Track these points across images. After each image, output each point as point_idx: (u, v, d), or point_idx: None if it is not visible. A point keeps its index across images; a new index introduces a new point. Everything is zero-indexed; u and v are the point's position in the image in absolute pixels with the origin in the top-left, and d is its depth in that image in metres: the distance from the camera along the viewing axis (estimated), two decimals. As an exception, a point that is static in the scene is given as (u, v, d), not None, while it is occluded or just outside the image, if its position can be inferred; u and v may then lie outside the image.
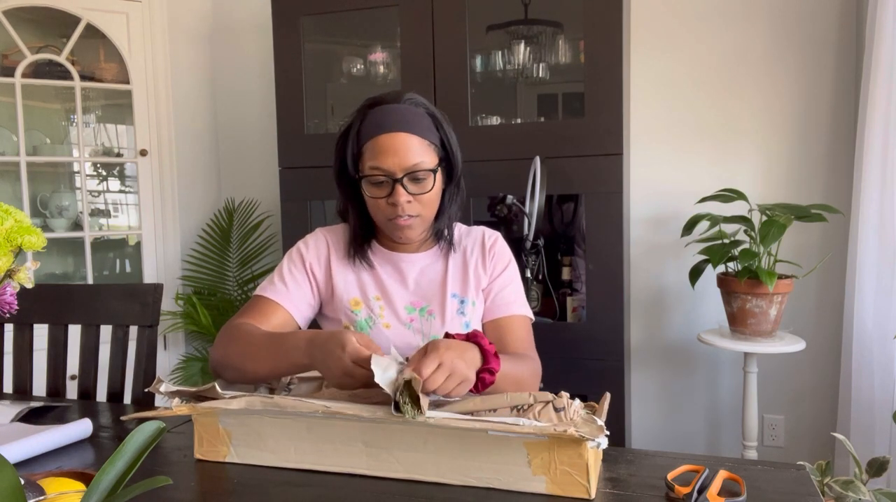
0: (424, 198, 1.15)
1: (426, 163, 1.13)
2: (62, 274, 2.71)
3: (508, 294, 1.24)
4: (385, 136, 1.12)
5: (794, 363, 2.33)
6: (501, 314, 1.23)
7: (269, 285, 1.21)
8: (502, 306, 1.23)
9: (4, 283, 0.80)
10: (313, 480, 0.90)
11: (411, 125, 1.13)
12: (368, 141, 1.13)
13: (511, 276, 1.26)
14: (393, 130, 1.12)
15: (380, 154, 1.12)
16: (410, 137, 1.12)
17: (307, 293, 1.23)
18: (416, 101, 1.16)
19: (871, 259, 2.00)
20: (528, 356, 1.18)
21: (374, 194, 1.15)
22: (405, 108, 1.14)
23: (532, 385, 1.14)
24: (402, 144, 1.11)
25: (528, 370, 1.14)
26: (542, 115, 2.45)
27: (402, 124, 1.12)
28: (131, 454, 0.58)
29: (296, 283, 1.22)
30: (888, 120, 1.93)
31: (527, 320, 1.25)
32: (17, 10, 2.44)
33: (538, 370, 1.19)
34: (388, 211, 1.15)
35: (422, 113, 1.16)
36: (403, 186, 1.12)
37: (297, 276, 1.22)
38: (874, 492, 1.59)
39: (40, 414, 1.24)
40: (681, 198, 2.36)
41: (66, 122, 2.76)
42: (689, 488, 0.82)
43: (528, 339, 1.23)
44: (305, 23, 2.34)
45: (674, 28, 2.37)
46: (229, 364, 1.07)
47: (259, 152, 2.93)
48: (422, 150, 1.13)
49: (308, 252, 1.25)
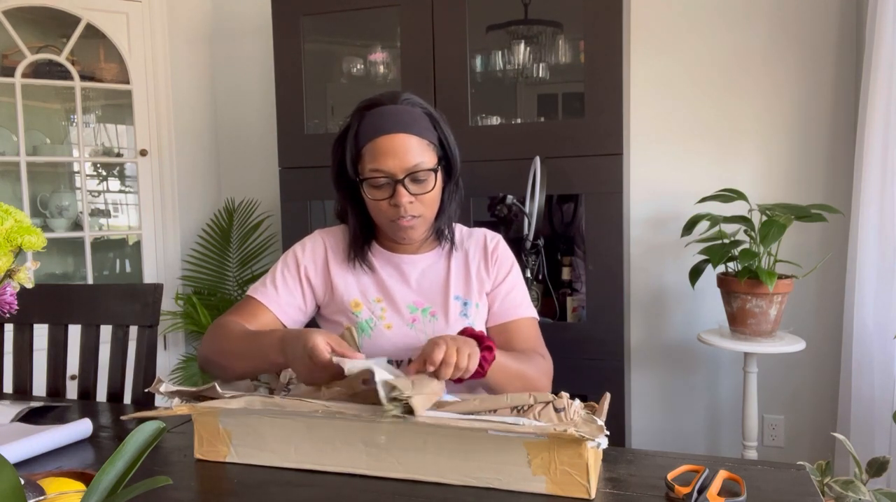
0: (426, 197, 1.15)
1: (426, 162, 1.13)
2: (62, 274, 2.71)
3: (514, 297, 1.25)
4: (384, 138, 1.12)
5: (794, 363, 2.33)
6: (508, 318, 1.23)
7: (260, 286, 1.23)
8: (509, 310, 1.24)
9: (4, 283, 0.80)
10: (313, 480, 0.90)
11: (409, 125, 1.13)
12: (367, 143, 1.13)
13: (515, 280, 1.27)
14: (392, 132, 1.12)
15: (380, 156, 1.11)
16: (409, 138, 1.12)
17: (297, 298, 1.23)
18: (413, 101, 1.16)
19: (871, 259, 2.00)
20: (535, 354, 1.18)
21: (376, 196, 1.15)
22: (402, 109, 1.14)
23: (540, 381, 1.14)
24: (402, 145, 1.11)
25: (533, 367, 1.14)
26: (542, 115, 2.45)
27: (400, 125, 1.12)
28: (131, 454, 0.58)
29: (286, 288, 1.22)
30: (888, 120, 1.93)
31: (533, 321, 1.25)
32: (17, 10, 2.43)
33: (547, 367, 1.19)
34: (390, 212, 1.15)
35: (419, 113, 1.15)
36: (405, 187, 1.12)
37: (288, 281, 1.23)
38: (874, 492, 1.59)
39: (40, 414, 1.24)
40: (681, 198, 2.36)
41: (66, 122, 2.76)
42: (689, 488, 0.82)
43: (536, 339, 1.23)
44: (305, 23, 2.34)
45: (674, 28, 2.37)
46: (212, 360, 1.12)
47: (259, 152, 2.93)
48: (421, 150, 1.13)
49: (304, 256, 1.25)
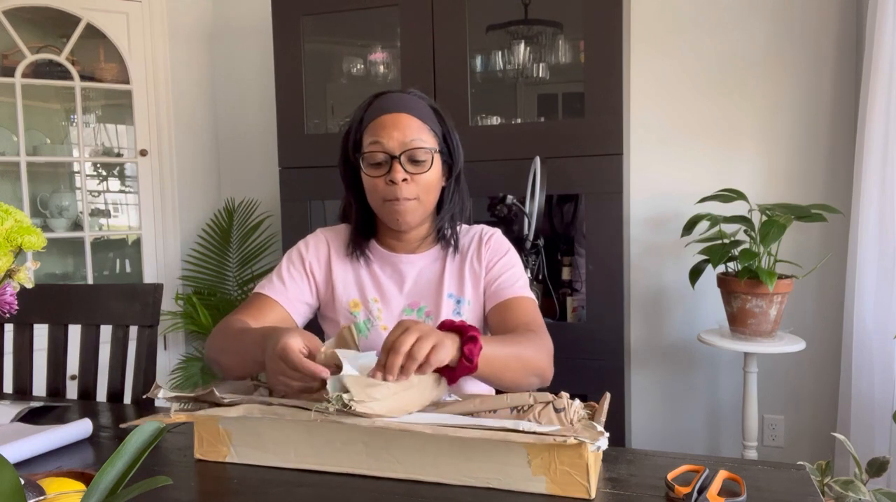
0: (422, 178, 1.15)
1: (425, 142, 1.14)
2: (62, 274, 2.71)
3: (508, 278, 1.21)
4: (386, 116, 1.15)
5: (794, 363, 2.33)
6: (502, 298, 1.19)
7: (267, 283, 1.23)
8: (503, 290, 1.20)
9: (4, 283, 0.80)
10: (313, 480, 0.90)
11: (412, 108, 1.16)
12: (370, 123, 1.16)
13: (509, 262, 1.23)
14: (394, 111, 1.15)
15: (380, 130, 1.14)
16: (410, 118, 1.15)
17: (305, 292, 1.23)
18: (421, 95, 1.20)
19: (871, 259, 2.00)
20: (529, 331, 1.10)
21: (372, 173, 1.15)
22: (409, 97, 1.18)
23: (540, 360, 1.06)
24: (402, 122, 1.14)
25: (530, 345, 1.06)
26: (542, 115, 2.45)
27: (403, 106, 1.15)
28: (131, 454, 0.58)
29: (294, 282, 1.22)
30: (888, 120, 1.93)
31: (530, 300, 1.19)
32: (17, 10, 2.44)
33: (546, 344, 1.10)
34: (385, 191, 1.14)
35: (425, 103, 1.19)
36: (401, 164, 1.13)
37: (295, 276, 1.23)
38: (874, 492, 1.59)
39: (40, 414, 1.24)
40: (681, 198, 2.36)
41: (66, 122, 2.76)
42: (689, 488, 0.82)
43: (531, 317, 1.16)
44: (305, 23, 2.34)
45: (674, 28, 2.37)
46: (213, 358, 1.11)
47: (259, 152, 2.93)
48: (420, 130, 1.15)
49: (308, 252, 1.25)
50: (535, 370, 1.05)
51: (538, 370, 1.06)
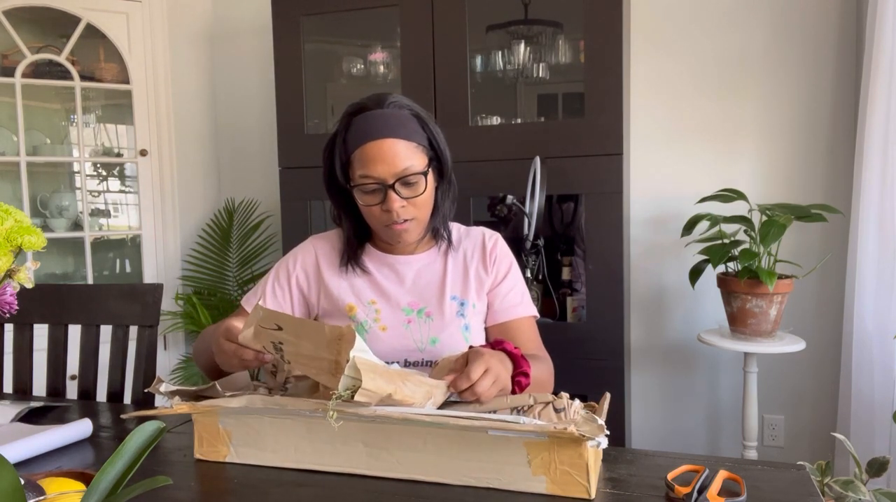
0: (418, 200, 1.14)
1: (416, 166, 1.12)
2: (62, 274, 2.71)
3: (513, 296, 1.24)
4: (372, 144, 1.11)
5: (794, 363, 2.33)
6: (508, 318, 1.23)
7: (251, 296, 1.27)
8: (508, 309, 1.23)
9: (4, 283, 0.80)
10: (313, 480, 0.90)
11: (397, 130, 1.11)
12: (355, 150, 1.13)
13: (514, 278, 1.26)
14: (379, 137, 1.10)
15: (369, 162, 1.11)
16: (397, 142, 1.11)
17: (286, 309, 1.25)
18: (400, 104, 1.14)
19: (871, 259, 2.00)
20: (540, 356, 1.20)
21: (368, 202, 1.14)
22: (389, 114, 1.12)
23: (551, 384, 1.18)
24: (390, 150, 1.10)
25: (546, 370, 1.17)
26: (542, 115, 2.45)
27: (387, 130, 1.11)
28: (131, 454, 0.58)
29: (274, 298, 1.25)
30: (888, 120, 1.93)
31: (532, 320, 1.26)
32: (17, 10, 2.44)
33: (552, 368, 1.21)
34: (383, 217, 1.15)
35: (406, 115, 1.14)
36: (396, 192, 1.11)
37: (277, 292, 1.25)
38: (874, 492, 1.59)
39: (40, 414, 1.24)
40: (681, 198, 2.36)
41: (66, 122, 2.76)
42: (689, 488, 0.82)
43: (536, 340, 1.24)
44: (305, 23, 2.34)
45: (674, 28, 2.37)
46: (195, 362, 1.21)
47: (259, 152, 2.93)
48: (410, 154, 1.12)
49: (295, 267, 1.26)
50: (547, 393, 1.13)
51: (548, 392, 1.14)
